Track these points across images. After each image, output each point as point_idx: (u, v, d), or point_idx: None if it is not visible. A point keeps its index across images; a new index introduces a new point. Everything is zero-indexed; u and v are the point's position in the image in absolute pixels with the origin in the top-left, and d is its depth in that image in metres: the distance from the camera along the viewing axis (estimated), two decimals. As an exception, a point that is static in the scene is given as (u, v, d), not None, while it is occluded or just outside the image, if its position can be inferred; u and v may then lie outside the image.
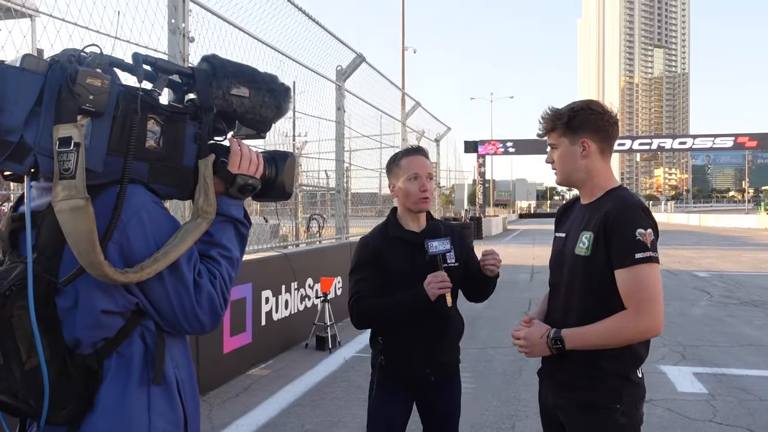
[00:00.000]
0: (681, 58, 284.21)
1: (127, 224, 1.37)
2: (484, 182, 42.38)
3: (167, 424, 1.45)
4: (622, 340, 2.11)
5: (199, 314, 1.44)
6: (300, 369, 6.32)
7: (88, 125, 1.32)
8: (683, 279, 13.86)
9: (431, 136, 17.51)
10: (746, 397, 5.31)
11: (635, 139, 41.23)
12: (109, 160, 1.35)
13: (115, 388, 1.38)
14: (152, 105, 1.42)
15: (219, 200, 1.54)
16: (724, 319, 8.99)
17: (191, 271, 1.44)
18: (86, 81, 1.28)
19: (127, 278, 1.32)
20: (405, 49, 34.41)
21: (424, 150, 2.87)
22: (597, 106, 2.30)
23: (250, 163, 1.59)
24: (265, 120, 1.61)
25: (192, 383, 1.57)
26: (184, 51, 5.23)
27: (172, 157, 1.47)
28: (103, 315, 1.36)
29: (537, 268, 15.60)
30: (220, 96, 1.50)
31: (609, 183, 2.29)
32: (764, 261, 18.27)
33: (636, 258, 2.05)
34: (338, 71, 9.31)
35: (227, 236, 1.56)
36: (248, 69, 1.58)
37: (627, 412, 2.14)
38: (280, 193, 1.72)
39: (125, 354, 1.40)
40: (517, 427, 4.64)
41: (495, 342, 7.46)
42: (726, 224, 47.99)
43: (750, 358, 6.68)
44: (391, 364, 2.69)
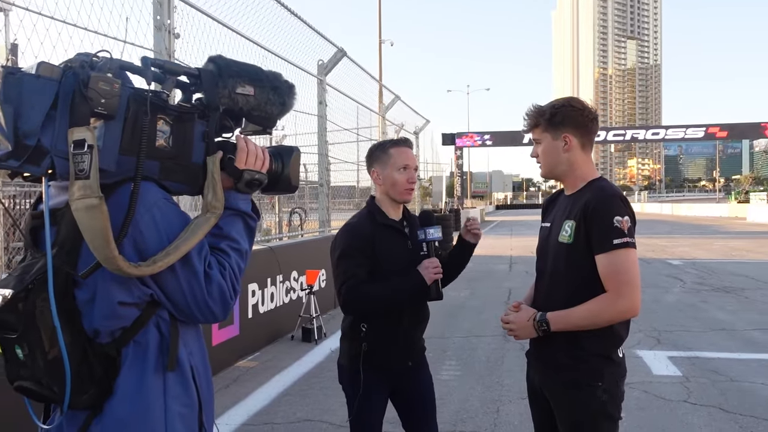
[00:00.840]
0: (653, 50, 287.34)
1: (141, 220, 1.45)
2: (462, 174, 42.64)
3: (182, 407, 1.53)
4: (603, 321, 2.26)
5: (211, 304, 1.52)
6: (287, 360, 6.44)
7: (101, 127, 1.40)
8: (657, 267, 14.18)
9: (410, 128, 17.64)
10: (718, 379, 5.54)
11: (609, 131, 41.71)
12: (122, 160, 1.43)
13: (132, 375, 1.47)
14: (161, 106, 1.49)
15: (227, 195, 1.62)
16: (697, 305, 9.27)
17: (202, 264, 1.52)
18: (98, 85, 1.35)
19: (141, 271, 1.40)
20: (382, 42, 34.46)
21: (411, 143, 2.98)
22: (577, 102, 2.45)
23: (257, 159, 1.66)
24: (270, 116, 1.69)
25: (206, 369, 1.66)
26: (169, 47, 5.30)
27: (181, 155, 1.54)
28: (120, 306, 1.44)
29: (515, 258, 15.83)
30: (226, 95, 1.57)
31: (590, 174, 2.45)
32: (735, 249, 18.73)
33: (614, 243, 2.21)
34: (320, 65, 9.39)
35: (236, 229, 1.63)
36: (253, 68, 1.65)
37: (609, 390, 2.29)
38: (286, 187, 1.80)
39: (141, 342, 1.48)
40: (501, 411, 4.81)
41: (478, 331, 7.63)
42: (698, 213, 48.91)
43: (722, 342, 6.94)
44: (376, 353, 2.69)
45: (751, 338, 7.09)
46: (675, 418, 4.61)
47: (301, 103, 9.01)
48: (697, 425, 4.47)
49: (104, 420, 1.45)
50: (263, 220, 10.78)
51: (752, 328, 7.62)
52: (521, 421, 4.51)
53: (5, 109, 1.32)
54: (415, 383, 2.87)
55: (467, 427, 4.52)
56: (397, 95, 15.04)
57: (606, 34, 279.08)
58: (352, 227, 2.76)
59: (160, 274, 1.45)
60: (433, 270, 2.66)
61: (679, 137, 40.55)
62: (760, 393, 5.13)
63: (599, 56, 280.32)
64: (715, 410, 4.76)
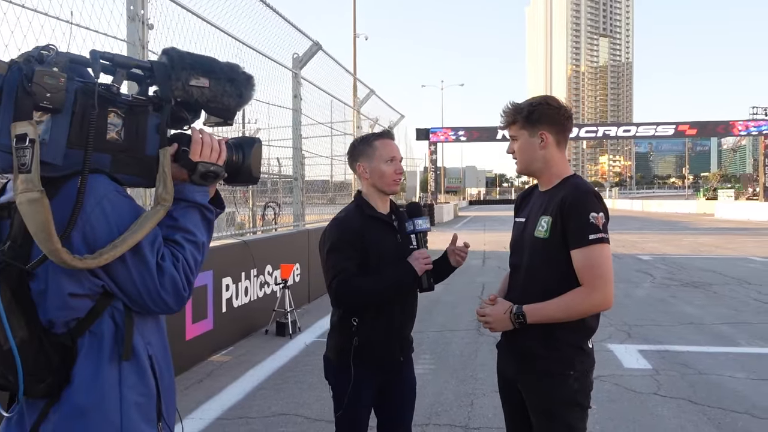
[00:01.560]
0: (625, 48, 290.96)
1: (91, 213, 1.45)
2: (436, 169, 42.77)
3: (138, 396, 1.54)
4: (577, 313, 2.33)
5: (163, 295, 1.53)
6: (261, 354, 6.41)
7: (48, 121, 1.40)
8: (627, 262, 14.39)
9: (384, 123, 17.63)
10: (687, 372, 5.65)
11: (582, 127, 42.16)
12: (70, 153, 1.43)
13: (88, 364, 1.48)
14: (110, 99, 1.49)
15: (183, 187, 1.63)
16: (666, 299, 9.43)
17: (154, 255, 1.52)
18: (43, 80, 1.35)
19: (86, 264, 1.40)
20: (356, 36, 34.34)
21: (394, 134, 2.98)
22: (554, 101, 2.52)
23: (212, 151, 1.66)
24: (228, 108, 1.69)
25: (166, 359, 1.67)
26: (143, 38, 5.23)
27: (134, 147, 1.54)
28: (71, 297, 1.45)
29: (488, 253, 15.96)
30: (180, 87, 1.58)
31: (565, 171, 2.51)
32: (703, 244, 19.08)
33: (590, 239, 2.28)
34: (295, 59, 9.33)
35: (192, 221, 1.63)
36: (207, 60, 1.65)
37: (579, 378, 2.37)
38: (248, 178, 1.80)
39: (96, 332, 1.50)
40: (475, 405, 4.85)
41: (452, 325, 7.68)
42: (667, 209, 49.65)
43: (691, 336, 7.07)
44: (366, 347, 2.67)
45: (719, 332, 7.23)
46: (645, 410, 4.69)
47: (276, 96, 8.96)
48: (667, 417, 4.55)
49: (61, 408, 1.47)
50: (237, 214, 10.71)
51: (720, 322, 7.78)
52: (495, 414, 4.55)
53: None
54: (403, 376, 2.88)
55: (442, 420, 4.55)
56: (371, 89, 15.03)
57: (579, 31, 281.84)
58: (341, 221, 2.74)
59: (111, 266, 1.46)
60: (423, 261, 2.67)
61: (649, 134, 41.16)
62: (727, 386, 5.24)
63: (572, 53, 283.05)
64: (684, 402, 4.85)
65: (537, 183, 2.65)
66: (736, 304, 8.98)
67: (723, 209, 39.25)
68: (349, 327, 2.68)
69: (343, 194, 14.70)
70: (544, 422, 2.41)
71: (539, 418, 2.43)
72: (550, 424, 2.39)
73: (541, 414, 2.42)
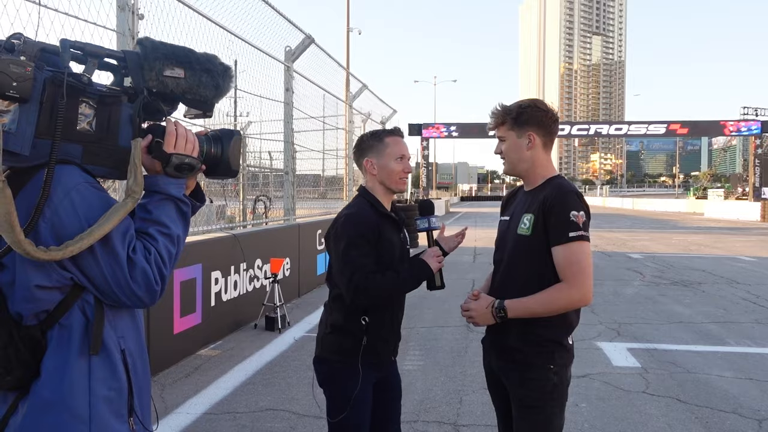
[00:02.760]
0: (618, 46, 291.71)
1: (59, 205, 1.43)
2: (428, 165, 42.77)
3: (108, 390, 1.52)
4: (557, 308, 2.40)
5: (134, 288, 1.50)
6: (250, 349, 6.38)
7: (15, 111, 1.38)
8: (618, 260, 14.43)
9: (377, 118, 17.59)
10: (676, 370, 5.66)
11: (574, 125, 42.23)
12: (39, 143, 1.41)
13: (57, 357, 1.47)
14: (81, 89, 1.47)
15: (158, 179, 1.61)
16: (655, 298, 9.46)
17: (125, 248, 1.50)
18: (9, 68, 1.32)
19: (50, 256, 1.38)
20: (350, 30, 34.26)
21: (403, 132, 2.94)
22: (542, 104, 2.59)
23: (186, 142, 1.63)
24: (205, 99, 1.67)
25: (141, 353, 1.64)
26: (133, 28, 5.17)
27: (106, 138, 1.52)
28: (38, 289, 1.43)
29: (479, 249, 15.98)
30: (154, 78, 1.56)
31: (549, 172, 2.58)
32: (693, 243, 19.17)
33: (570, 236, 2.35)
34: (287, 52, 9.27)
35: (166, 214, 1.61)
36: (182, 50, 1.62)
37: (558, 373, 2.44)
38: (226, 171, 1.77)
39: (66, 325, 1.48)
40: (464, 401, 4.84)
41: (441, 321, 7.67)
42: (658, 208, 49.92)
43: (679, 334, 7.09)
44: (374, 346, 2.63)
45: (707, 331, 7.26)
46: (633, 409, 4.69)
47: (268, 89, 8.90)
48: (655, 416, 4.55)
49: (30, 401, 1.45)
50: (227, 207, 10.65)
51: (708, 321, 7.81)
52: (483, 411, 4.55)
53: None
54: (393, 374, 2.86)
55: (430, 416, 4.54)
56: (364, 84, 14.98)
57: (572, 29, 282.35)
58: (358, 216, 2.65)
59: (80, 258, 1.44)
60: (437, 258, 2.67)
61: (641, 133, 41.29)
62: (715, 384, 5.26)
63: (565, 51, 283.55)
64: (672, 401, 4.86)
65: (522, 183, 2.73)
66: (724, 303, 9.02)
67: (712, 208, 39.47)
68: (358, 326, 2.61)
69: (334, 189, 14.67)
70: (524, 414, 2.47)
71: (519, 410, 2.49)
72: (529, 416, 2.45)
73: (521, 406, 2.48)
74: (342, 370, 2.62)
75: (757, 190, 36.91)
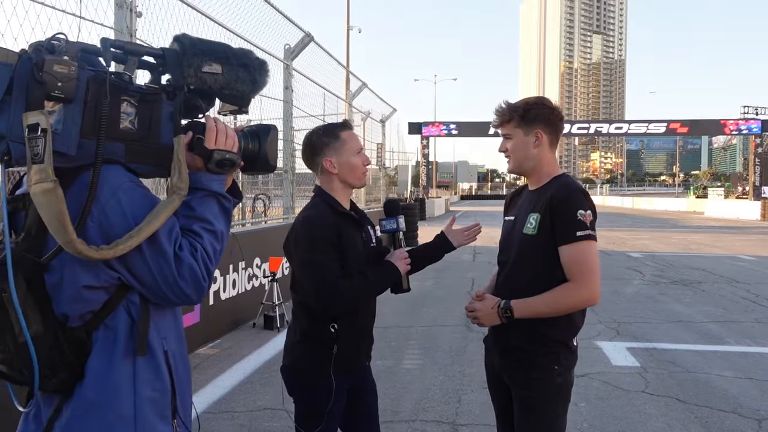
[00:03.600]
0: (618, 45, 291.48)
1: (106, 204, 1.43)
2: (428, 164, 42.76)
3: (153, 391, 1.52)
4: (565, 308, 2.37)
5: (182, 286, 1.50)
6: (248, 348, 6.36)
7: (60, 111, 1.37)
8: (618, 259, 14.43)
9: (377, 116, 17.58)
10: (675, 370, 5.65)
11: (574, 124, 42.25)
12: (84, 143, 1.41)
13: (102, 359, 1.46)
14: (123, 87, 1.47)
15: (200, 176, 1.61)
16: (655, 297, 9.45)
17: (171, 246, 1.50)
18: (53, 69, 1.33)
19: (101, 255, 1.38)
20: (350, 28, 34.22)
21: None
22: (548, 102, 2.56)
23: (227, 138, 1.64)
24: (242, 95, 1.66)
25: (182, 353, 1.65)
26: (131, 26, 5.15)
27: (148, 136, 1.52)
28: (85, 290, 1.43)
29: (479, 248, 15.94)
30: (192, 74, 1.55)
31: (554, 171, 2.55)
32: (693, 242, 19.16)
33: (577, 236, 2.31)
34: (286, 50, 9.25)
35: (210, 210, 1.61)
36: (220, 46, 1.62)
37: (563, 374, 2.42)
38: (265, 166, 1.78)
39: (111, 326, 1.48)
40: (463, 401, 4.82)
41: (441, 320, 7.65)
42: (658, 207, 49.92)
43: (679, 334, 7.07)
44: (345, 354, 2.50)
45: (707, 330, 7.24)
46: (633, 408, 4.67)
47: (267, 87, 8.84)
48: (654, 415, 4.54)
49: (74, 402, 1.45)
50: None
51: (708, 320, 7.79)
52: (482, 411, 4.53)
53: None
54: (366, 381, 2.74)
55: (429, 416, 4.52)
56: (364, 82, 14.96)
57: (572, 28, 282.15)
58: (316, 218, 2.51)
59: (128, 257, 1.44)
60: (405, 261, 2.60)
61: (641, 132, 41.32)
62: (714, 384, 5.24)
63: (565, 50, 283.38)
64: (671, 401, 4.84)
65: (527, 183, 2.68)
66: (724, 302, 9.01)
67: (712, 207, 39.47)
68: (327, 334, 2.48)
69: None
70: (526, 415, 2.44)
71: (521, 410, 2.46)
72: (531, 416, 2.42)
73: (523, 406, 2.45)
74: (314, 380, 2.50)
75: (758, 189, 36.91)
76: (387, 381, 5.29)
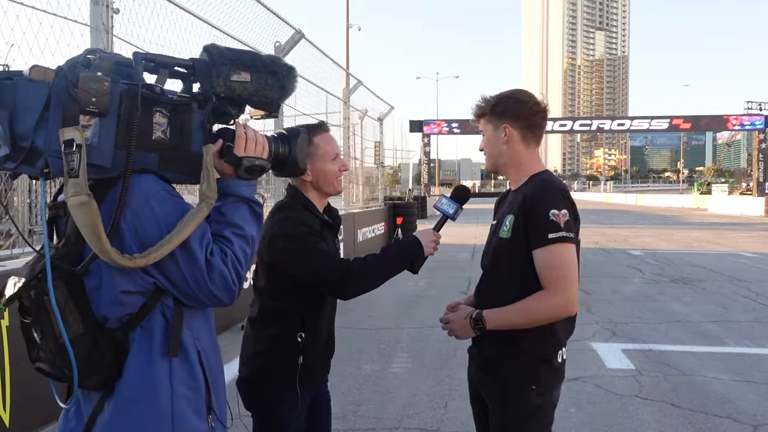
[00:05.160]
0: (621, 42, 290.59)
1: (140, 212, 1.51)
2: (429, 162, 42.64)
3: (188, 390, 1.59)
4: (539, 319, 2.16)
5: (213, 290, 1.57)
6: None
7: (95, 125, 1.45)
8: (618, 257, 14.25)
9: (374, 115, 17.42)
10: (671, 372, 5.49)
11: (576, 120, 42.09)
12: (119, 155, 1.48)
13: (140, 359, 1.54)
14: (154, 99, 1.53)
15: (230, 182, 1.67)
16: (654, 296, 9.28)
17: (203, 252, 1.56)
18: (88, 85, 1.40)
19: (135, 263, 1.46)
20: (350, 26, 34.11)
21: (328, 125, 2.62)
22: (522, 95, 2.37)
23: (256, 145, 1.70)
24: (272, 101, 1.71)
25: (215, 351, 1.72)
26: (107, 23, 4.99)
27: (180, 145, 1.59)
28: (123, 294, 1.52)
29: (478, 247, 15.77)
30: (221, 83, 1.60)
31: (533, 168, 2.34)
32: (696, 239, 18.95)
33: (549, 238, 2.11)
34: (276, 47, 9.07)
35: (240, 215, 1.67)
36: (248, 54, 1.67)
37: (543, 394, 2.20)
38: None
39: (147, 327, 1.55)
40: (450, 407, 4.68)
41: (432, 322, 7.45)
42: (661, 204, 49.64)
43: (676, 334, 6.91)
44: (310, 364, 2.36)
45: (705, 331, 7.08)
46: (625, 414, 4.52)
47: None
48: (647, 421, 4.39)
49: (115, 400, 1.53)
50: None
51: (707, 320, 7.62)
52: (468, 417, 4.31)
53: (0, 114, 1.39)
54: (322, 397, 2.59)
55: (412, 423, 4.38)
56: (359, 80, 14.80)
57: (575, 24, 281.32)
58: (298, 216, 2.34)
59: (162, 263, 1.51)
60: (433, 244, 2.40)
61: (644, 128, 41.11)
62: (710, 387, 5.08)
63: (568, 46, 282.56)
64: (665, 405, 4.69)
65: None
66: (725, 301, 8.84)
67: (716, 204, 39.21)
68: (294, 344, 2.33)
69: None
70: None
71: (495, 430, 2.27)
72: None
73: (498, 426, 2.26)
74: (276, 394, 2.35)
75: (761, 185, 36.71)
76: (373, 386, 5.16)
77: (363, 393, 5.00)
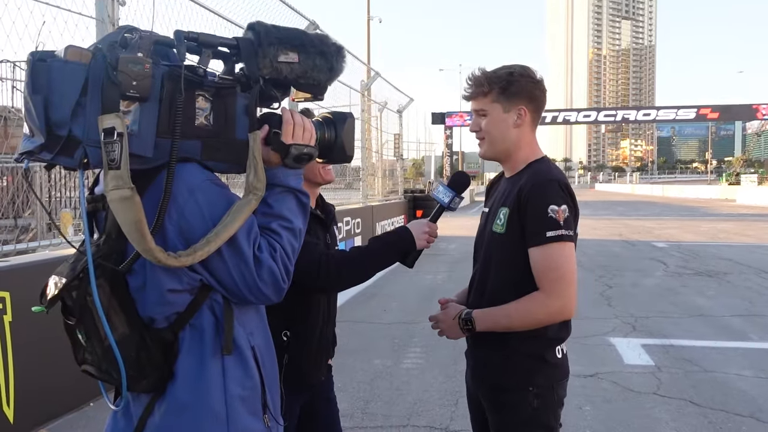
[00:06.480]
0: (648, 31, 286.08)
1: (185, 206, 1.41)
2: (452, 154, 42.36)
3: (243, 389, 1.50)
4: (532, 322, 2.01)
5: (262, 287, 1.47)
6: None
7: (135, 111, 1.34)
8: (641, 249, 13.98)
9: (393, 107, 17.30)
10: (691, 369, 5.32)
11: (600, 111, 41.46)
12: (161, 143, 1.37)
13: (191, 359, 1.46)
14: (197, 82, 1.42)
15: (277, 172, 1.56)
16: (677, 289, 9.05)
17: (251, 247, 1.46)
18: (128, 67, 1.29)
19: (180, 262, 1.35)
20: (370, 18, 34.00)
21: None
22: (533, 72, 2.16)
23: (304, 131, 1.58)
24: (319, 83, 1.58)
25: (268, 348, 1.63)
26: (113, 15, 4.94)
27: (224, 132, 1.48)
28: (169, 293, 1.42)
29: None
30: (268, 65, 1.47)
31: (533, 155, 2.17)
32: (723, 231, 18.55)
33: (547, 236, 1.96)
34: (290, 39, 9.02)
35: (287, 207, 1.56)
36: (296, 33, 1.54)
37: (542, 395, 2.05)
38: (341, 156, 1.73)
39: (196, 325, 1.46)
40: (460, 404, 4.56)
41: (448, 316, 7.37)
42: (689, 195, 48.87)
43: (698, 329, 6.72)
44: (296, 364, 2.20)
45: (728, 325, 6.87)
46: (641, 412, 4.37)
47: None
48: (664, 420, 4.23)
49: (166, 402, 1.46)
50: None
51: (730, 314, 7.40)
52: (479, 415, 4.27)
53: (34, 99, 1.28)
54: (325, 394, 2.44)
55: (421, 421, 4.28)
56: (377, 72, 14.68)
57: (600, 14, 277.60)
58: None
59: (208, 261, 1.42)
60: (426, 236, 2.21)
61: (670, 118, 40.33)
62: (732, 385, 4.90)
63: (593, 36, 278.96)
64: (684, 403, 4.52)
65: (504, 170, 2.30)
66: (750, 294, 8.58)
67: (745, 195, 38.43)
68: (278, 342, 2.14)
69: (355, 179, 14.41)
70: None
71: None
72: None
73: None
74: None
75: (792, 176, 35.81)
76: (384, 382, 5.07)
77: (373, 389, 4.91)
